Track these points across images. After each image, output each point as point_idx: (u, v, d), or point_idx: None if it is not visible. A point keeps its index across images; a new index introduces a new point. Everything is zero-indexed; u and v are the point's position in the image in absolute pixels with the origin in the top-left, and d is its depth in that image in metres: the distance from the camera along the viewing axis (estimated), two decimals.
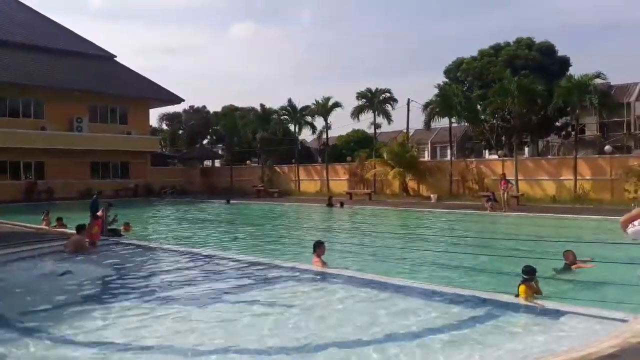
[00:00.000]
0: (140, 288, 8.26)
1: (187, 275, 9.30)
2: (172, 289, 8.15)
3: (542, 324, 5.93)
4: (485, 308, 6.51)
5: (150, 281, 8.85)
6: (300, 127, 38.77)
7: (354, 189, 33.42)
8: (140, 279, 8.92)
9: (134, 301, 7.40)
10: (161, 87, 40.44)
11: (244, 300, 7.26)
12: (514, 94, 27.10)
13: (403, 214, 23.08)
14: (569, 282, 8.73)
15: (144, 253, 11.68)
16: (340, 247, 12.64)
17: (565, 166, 26.25)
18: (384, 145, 34.48)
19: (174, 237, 16.03)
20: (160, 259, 11.10)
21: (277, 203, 29.26)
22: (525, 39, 35.68)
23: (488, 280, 9.10)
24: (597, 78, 26.09)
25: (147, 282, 8.73)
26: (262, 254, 11.71)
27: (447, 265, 10.60)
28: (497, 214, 20.94)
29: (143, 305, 7.12)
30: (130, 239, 13.58)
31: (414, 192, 31.34)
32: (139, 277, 9.08)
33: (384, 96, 34.86)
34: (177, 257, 11.00)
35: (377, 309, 6.64)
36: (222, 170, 44.54)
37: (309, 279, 8.44)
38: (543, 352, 4.91)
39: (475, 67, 35.30)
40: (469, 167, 29.72)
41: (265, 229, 18.86)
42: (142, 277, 9.18)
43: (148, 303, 7.25)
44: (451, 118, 31.08)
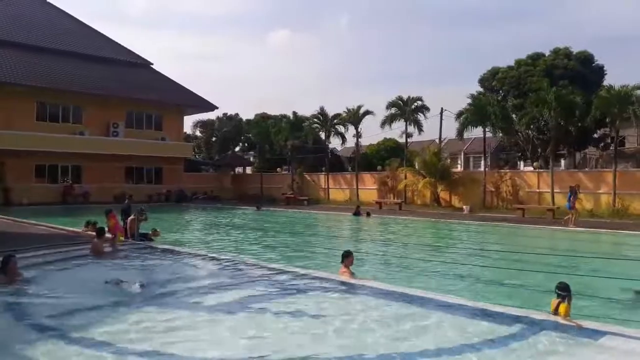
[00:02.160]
0: (168, 294, 8.26)
1: (214, 281, 9.25)
2: (199, 295, 8.12)
3: (579, 344, 5.63)
4: (518, 325, 6.24)
5: (177, 286, 8.84)
6: (330, 135, 38.76)
7: (383, 198, 33.11)
8: (167, 284, 8.93)
9: (161, 306, 7.40)
10: (195, 94, 41.09)
11: (270, 309, 7.17)
12: (552, 104, 26.43)
13: (433, 225, 22.69)
14: (609, 301, 8.34)
15: (173, 258, 11.73)
16: (366, 257, 12.44)
17: (603, 180, 25.39)
18: (416, 155, 34.10)
19: (203, 243, 16.13)
20: (188, 265, 11.10)
21: (306, 211, 29.22)
22: (563, 49, 34.82)
23: (522, 295, 8.77)
24: (638, 89, 25.23)
25: (174, 288, 8.72)
26: (289, 262, 11.62)
27: (478, 278, 10.29)
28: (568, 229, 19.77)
29: (169, 311, 7.11)
30: (158, 244, 13.70)
31: (445, 203, 30.84)
32: (167, 282, 9.09)
33: (415, 105, 34.51)
34: (205, 263, 11.00)
35: (402, 322, 6.46)
36: (253, 177, 44.85)
37: (336, 289, 8.30)
38: None
39: (512, 77, 34.62)
40: (503, 178, 29.06)
41: (293, 236, 18.81)
42: (169, 282, 9.19)
43: (175, 308, 7.24)
44: (485, 128, 30.50)
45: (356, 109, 36.25)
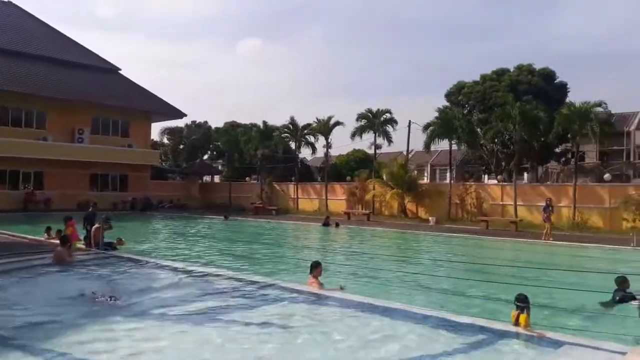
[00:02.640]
0: (133, 305, 8.14)
1: (180, 292, 9.17)
2: (165, 305, 8.03)
3: (539, 355, 5.83)
4: (481, 336, 6.42)
5: (142, 297, 8.73)
6: (300, 145, 38.89)
7: (352, 208, 33.34)
8: (132, 295, 8.80)
9: (125, 318, 7.28)
10: (164, 101, 40.63)
11: (237, 320, 7.16)
12: (516, 119, 27.20)
13: (400, 236, 22.98)
14: (569, 312, 8.63)
15: (138, 268, 11.56)
16: (334, 268, 12.52)
17: (564, 193, 26.24)
18: (384, 166, 34.56)
19: (169, 253, 15.90)
20: (153, 275, 10.95)
21: (275, 221, 29.16)
22: (526, 65, 36.00)
23: (485, 306, 8.99)
24: (598, 106, 26.25)
25: (140, 299, 8.60)
26: (257, 273, 11.60)
27: (442, 289, 10.50)
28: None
29: (134, 322, 7.01)
30: (124, 253, 13.46)
31: (412, 214, 31.27)
32: (131, 293, 8.96)
33: (384, 117, 35.01)
34: (171, 273, 10.87)
35: (369, 333, 6.56)
36: (221, 186, 44.48)
37: (304, 300, 8.34)
38: None
39: (477, 91, 35.51)
40: (468, 190, 29.71)
41: (262, 246, 18.74)
42: (135, 292, 9.06)
43: (140, 320, 7.15)
44: (451, 141, 31.18)
45: (326, 119, 36.52)
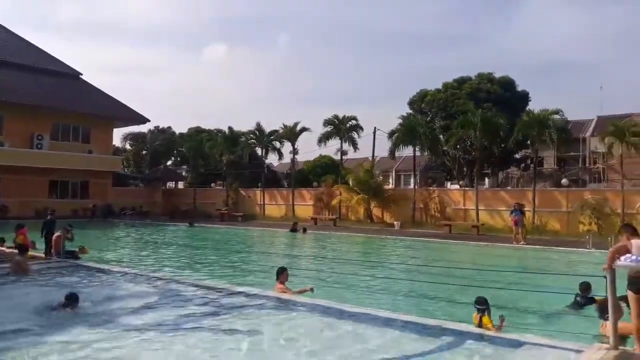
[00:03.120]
0: (97, 314, 7.98)
1: (144, 300, 9.01)
2: (129, 314, 7.92)
3: (500, 355, 6.02)
4: (444, 337, 6.58)
5: (106, 306, 8.56)
6: (267, 151, 38.81)
7: (319, 214, 33.46)
8: (96, 304, 8.62)
9: (89, 327, 7.14)
10: (126, 106, 39.87)
11: (204, 328, 7.12)
12: (477, 126, 27.92)
13: (366, 241, 23.20)
14: (530, 312, 8.91)
15: (101, 277, 11.33)
16: (302, 273, 12.56)
17: (524, 198, 27.01)
18: (350, 172, 34.86)
19: (133, 261, 15.62)
20: (116, 283, 10.75)
21: (241, 227, 28.98)
22: (486, 74, 36.98)
23: (449, 308, 9.20)
24: (555, 114, 27.21)
25: (104, 308, 8.44)
26: (223, 279, 11.53)
27: (407, 293, 10.67)
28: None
29: (98, 332, 6.89)
30: (86, 262, 13.16)
31: (378, 219, 31.62)
32: (95, 302, 8.78)
33: (350, 123, 35.36)
34: (135, 281, 10.71)
35: (336, 337, 6.64)
36: (185, 192, 43.91)
37: (270, 306, 8.36)
38: None
39: (439, 99, 36.26)
40: (431, 195, 30.28)
41: (227, 253, 18.59)
42: (98, 302, 8.88)
43: (104, 329, 7.02)
44: (415, 147, 31.76)
45: (293, 125, 36.62)
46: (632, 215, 23.71)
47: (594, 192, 26.81)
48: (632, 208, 23.88)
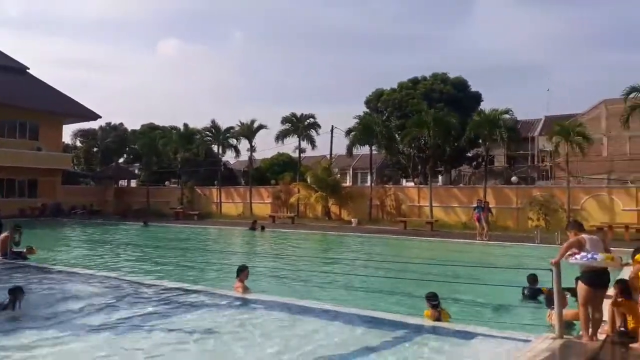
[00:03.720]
0: (48, 317, 7.75)
1: (96, 301, 8.80)
2: (81, 316, 7.74)
3: (453, 346, 6.25)
4: (400, 331, 6.77)
5: (55, 308, 8.31)
6: (223, 148, 38.40)
7: (277, 212, 33.40)
8: (46, 306, 8.37)
9: (40, 330, 6.93)
10: (76, 102, 38.55)
11: (161, 328, 7.04)
12: (430, 125, 28.59)
13: (324, 238, 23.37)
14: (481, 305, 9.25)
15: (51, 278, 10.97)
16: (261, 271, 12.57)
17: (476, 194, 27.86)
18: (308, 170, 34.94)
19: (84, 261, 15.17)
20: (67, 284, 10.43)
21: (198, 226, 28.58)
22: (440, 74, 37.85)
23: (405, 302, 9.42)
24: (505, 114, 28.18)
25: (55, 310, 8.20)
26: (180, 279, 11.39)
27: (364, 288, 10.85)
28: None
29: (49, 335, 6.69)
30: (35, 263, 12.71)
31: (335, 217, 31.87)
32: (45, 304, 8.52)
33: (308, 121, 35.47)
34: (88, 283, 10.44)
35: (295, 334, 6.71)
36: (138, 191, 42.87)
37: (231, 305, 8.34)
38: None
39: (395, 99, 36.86)
40: (387, 193, 30.80)
41: (184, 252, 18.33)
42: (46, 303, 8.62)
43: (55, 332, 6.83)
44: (371, 146, 32.19)
45: (250, 122, 36.38)
46: (577, 211, 24.90)
47: (542, 189, 27.95)
48: (578, 204, 25.04)
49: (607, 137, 35.77)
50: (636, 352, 5.61)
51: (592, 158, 33.26)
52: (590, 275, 6.03)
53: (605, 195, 25.02)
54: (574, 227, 6.56)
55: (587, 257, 6.02)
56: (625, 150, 35.27)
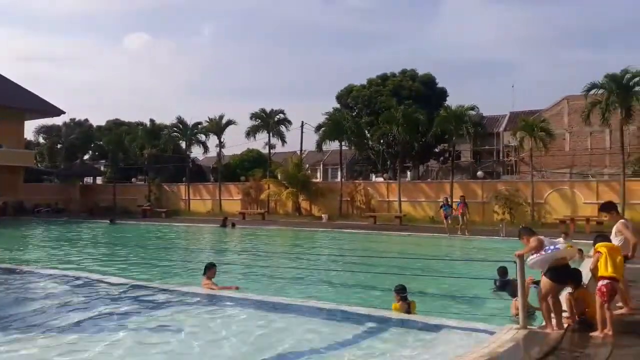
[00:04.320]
0: (10, 317, 7.54)
1: (61, 300, 8.61)
2: (47, 316, 7.56)
3: (421, 338, 6.36)
4: (369, 324, 6.85)
5: (21, 309, 8.11)
6: (191, 145, 37.90)
7: (247, 209, 33.22)
8: (9, 307, 8.14)
9: (4, 331, 6.74)
10: (39, 97, 37.43)
11: (129, 327, 6.94)
12: (399, 121, 28.89)
13: (295, 234, 23.38)
14: (448, 297, 9.42)
15: (14, 278, 10.67)
16: (232, 268, 12.50)
17: (443, 189, 28.33)
18: (278, 166, 34.84)
19: (49, 260, 14.79)
20: (33, 284, 10.18)
21: (166, 223, 28.18)
22: (409, 71, 38.25)
23: (374, 296, 9.52)
24: (471, 110, 28.71)
25: (18, 310, 7.99)
26: (148, 277, 11.24)
27: (333, 283, 10.93)
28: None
29: (12, 335, 6.52)
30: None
31: (306, 212, 31.91)
32: (9, 305, 8.28)
33: (278, 117, 35.34)
34: (53, 282, 10.20)
35: (265, 330, 6.71)
36: (105, 188, 41.99)
37: (198, 302, 8.27)
38: None
39: (364, 95, 37.08)
40: (357, 188, 31.01)
41: (152, 250, 18.06)
42: (12, 304, 8.39)
43: (20, 332, 6.66)
44: (341, 141, 32.33)
45: (218, 118, 36.00)
46: (541, 205, 25.61)
47: (507, 183, 28.59)
48: (541, 198, 25.73)
49: (569, 133, 36.81)
50: (596, 340, 5.81)
51: (555, 153, 34.23)
52: (557, 271, 6.20)
53: (567, 189, 25.78)
54: (527, 233, 6.66)
55: (550, 249, 6.19)
56: (587, 145, 36.40)
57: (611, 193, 24.29)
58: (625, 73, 23.57)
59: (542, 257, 6.21)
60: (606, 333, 5.90)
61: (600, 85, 24.13)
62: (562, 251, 6.22)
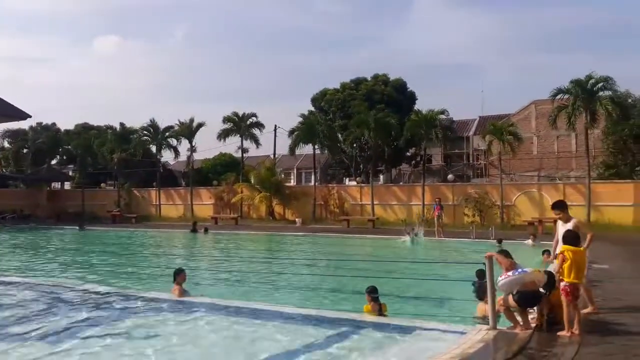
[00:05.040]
0: None
1: (32, 309, 8.37)
2: (14, 325, 7.32)
3: (392, 340, 6.40)
4: (341, 327, 6.86)
5: None
6: (162, 149, 37.40)
7: (219, 213, 32.93)
8: None
9: None
10: (3, 100, 36.30)
11: (98, 335, 6.78)
12: (371, 126, 29.13)
13: (268, 239, 23.27)
14: (420, 299, 9.50)
15: None
16: (203, 275, 12.36)
17: (414, 193, 28.66)
18: (251, 170, 34.70)
19: (15, 268, 14.36)
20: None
21: (136, 229, 27.70)
22: (381, 75, 38.64)
23: (348, 299, 9.54)
24: (441, 114, 29.18)
25: None
26: (118, 284, 11.02)
27: (306, 287, 10.89)
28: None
29: None
30: None
31: (279, 217, 31.83)
32: None
33: (251, 120, 35.19)
34: (19, 290, 9.89)
35: (236, 336, 6.65)
36: (73, 194, 41.07)
37: (168, 309, 8.15)
38: None
39: (338, 99, 37.28)
40: (331, 192, 31.10)
41: (122, 257, 17.71)
42: None
43: None
44: (314, 145, 32.39)
45: (189, 122, 35.63)
46: (510, 207, 26.13)
47: (477, 186, 29.12)
48: (510, 200, 26.27)
49: (536, 136, 37.69)
50: (564, 339, 5.94)
51: (523, 156, 34.99)
52: (525, 295, 6.34)
53: (535, 192, 26.39)
54: (504, 254, 6.89)
55: (517, 272, 6.40)
56: (554, 148, 37.33)
57: (577, 195, 25.00)
58: (589, 78, 24.31)
59: (510, 279, 6.37)
60: (573, 332, 6.04)
61: (566, 90, 24.83)
62: (531, 274, 6.40)
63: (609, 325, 6.59)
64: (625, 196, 23.99)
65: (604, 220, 23.52)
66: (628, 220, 23.20)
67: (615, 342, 5.85)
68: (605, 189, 24.95)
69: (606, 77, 24.18)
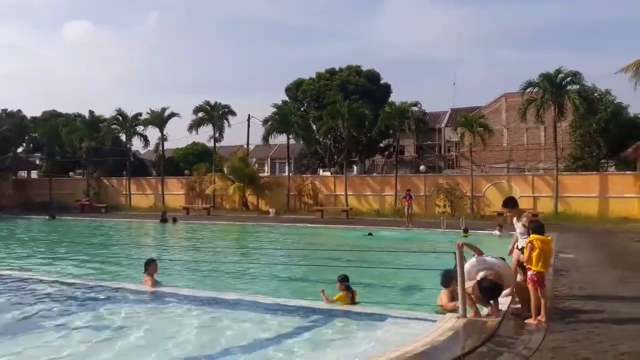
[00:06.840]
0: None
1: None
2: None
3: (364, 328, 6.46)
4: (314, 316, 6.90)
5: None
6: (131, 137, 36.70)
7: (191, 203, 32.58)
8: None
9: None
10: None
11: (68, 326, 6.66)
12: (345, 116, 29.17)
13: (241, 229, 23.15)
14: (392, 288, 9.60)
15: None
16: (173, 265, 12.23)
17: (387, 183, 28.89)
18: (224, 160, 34.37)
19: None
20: None
21: (106, 219, 27.22)
22: (355, 66, 38.66)
23: (316, 289, 9.57)
24: (414, 106, 29.44)
25: None
26: (87, 275, 10.82)
27: (278, 277, 10.90)
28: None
29: None
30: None
31: (253, 207, 31.68)
32: None
33: (223, 110, 34.81)
34: None
35: (208, 326, 6.62)
36: (40, 183, 40.05)
37: (139, 300, 8.05)
38: (365, 353, 5.38)
39: (313, 89, 37.17)
40: (305, 182, 31.08)
41: (91, 247, 17.36)
42: None
43: None
44: (289, 135, 32.27)
45: (161, 110, 35.01)
46: (480, 198, 26.57)
47: (448, 177, 29.51)
48: (480, 191, 26.71)
49: (506, 129, 38.37)
50: (531, 327, 6.10)
51: (494, 148, 35.61)
52: (490, 286, 6.52)
53: (504, 183, 26.88)
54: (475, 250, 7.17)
55: (493, 257, 6.93)
56: (523, 140, 38.08)
57: (546, 186, 25.58)
58: (558, 73, 24.83)
59: (486, 258, 6.83)
60: (539, 320, 6.21)
61: (535, 84, 25.30)
62: (503, 268, 6.76)
63: (575, 313, 6.78)
64: (591, 188, 24.66)
65: (571, 210, 24.16)
66: (593, 211, 23.88)
67: (580, 328, 6.03)
68: (572, 180, 25.60)
69: (574, 72, 24.78)
